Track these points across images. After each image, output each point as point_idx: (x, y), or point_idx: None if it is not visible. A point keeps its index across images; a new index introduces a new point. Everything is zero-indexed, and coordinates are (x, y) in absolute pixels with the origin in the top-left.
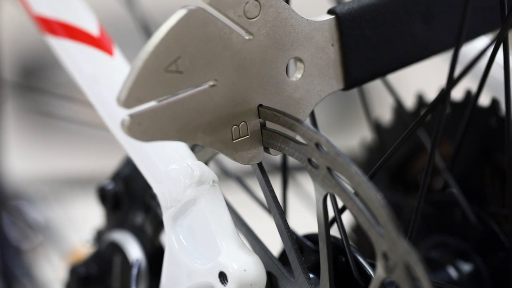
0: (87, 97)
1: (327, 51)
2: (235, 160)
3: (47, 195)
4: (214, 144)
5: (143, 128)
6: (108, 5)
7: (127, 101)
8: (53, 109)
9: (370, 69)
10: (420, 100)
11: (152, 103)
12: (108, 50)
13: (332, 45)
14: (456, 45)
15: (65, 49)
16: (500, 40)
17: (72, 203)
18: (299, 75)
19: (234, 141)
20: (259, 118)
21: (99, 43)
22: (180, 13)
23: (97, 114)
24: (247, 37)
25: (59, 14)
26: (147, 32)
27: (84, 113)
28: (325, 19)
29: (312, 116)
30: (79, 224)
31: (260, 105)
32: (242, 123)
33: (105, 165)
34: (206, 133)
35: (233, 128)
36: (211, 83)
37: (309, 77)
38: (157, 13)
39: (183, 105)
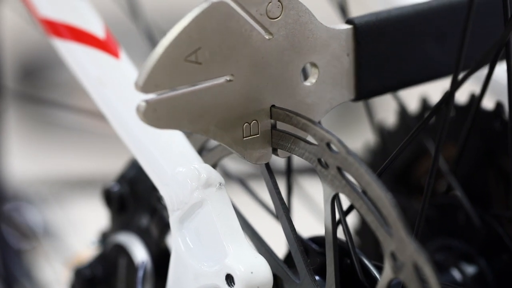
0: (93, 99)
1: (342, 60)
2: (244, 157)
3: (47, 197)
4: (224, 139)
5: (158, 115)
6: (114, 7)
7: (145, 86)
8: (54, 111)
9: (381, 83)
10: (424, 103)
11: (169, 92)
12: (114, 53)
13: (348, 55)
14: (459, 48)
15: (71, 52)
16: (503, 43)
17: (73, 204)
18: (313, 80)
19: (244, 139)
20: (271, 119)
21: (105, 45)
22: (204, 5)
23: (98, 116)
24: (266, 37)
25: (65, 16)
26: (151, 35)
27: (85, 115)
28: (344, 28)
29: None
30: (79, 225)
31: (273, 106)
32: (254, 121)
33: (106, 167)
34: (218, 127)
35: (244, 126)
36: (227, 78)
37: (322, 84)
38: (160, 16)
39: (198, 97)
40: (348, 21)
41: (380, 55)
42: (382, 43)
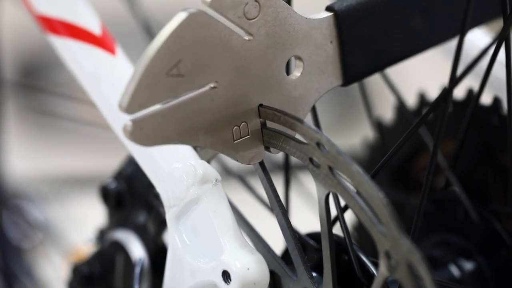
0: (89, 96)
1: (326, 49)
2: (236, 160)
3: (47, 195)
4: (215, 145)
5: (146, 133)
6: (110, 4)
7: (130, 107)
8: (54, 109)
9: (368, 65)
10: (422, 99)
11: (154, 108)
12: (110, 49)
13: (331, 42)
14: (458, 44)
15: (67, 49)
16: (502, 39)
17: (73, 202)
18: (298, 74)
19: (235, 142)
20: (260, 118)
21: (102, 42)
22: (181, 17)
23: (98, 113)
24: (246, 38)
25: (61, 13)
26: (149, 31)
27: (85, 112)
28: (323, 16)
29: (314, 115)
30: (80, 223)
31: (261, 105)
32: (243, 123)
33: (106, 165)
34: (207, 135)
35: (234, 129)
36: (212, 85)
37: (308, 75)
38: (158, 12)
39: (184, 108)
40: (328, 8)
41: (364, 37)
42: (364, 25)
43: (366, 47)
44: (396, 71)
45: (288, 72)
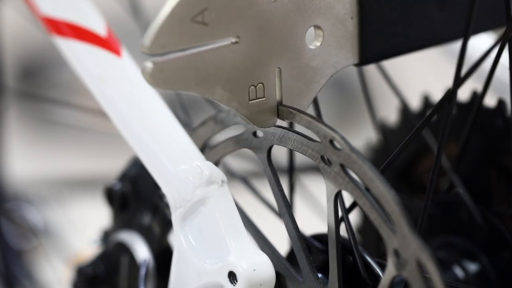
0: (95, 97)
1: (346, 24)
2: (249, 120)
3: (47, 197)
4: (230, 102)
5: (165, 76)
6: (115, 5)
7: (152, 47)
8: (54, 111)
9: (385, 47)
10: (426, 101)
11: (175, 52)
12: (115, 51)
13: (352, 18)
14: (462, 45)
15: (72, 50)
16: (505, 41)
17: (73, 204)
18: (318, 43)
19: (250, 102)
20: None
21: (107, 43)
22: None
23: (99, 116)
24: None
25: (66, 14)
26: None
27: (86, 115)
28: None
29: (318, 113)
30: (80, 225)
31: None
32: (259, 84)
33: (107, 167)
34: (224, 89)
35: (250, 89)
36: (233, 39)
37: (327, 47)
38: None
39: (205, 58)
40: None
41: (383, 18)
42: (385, 6)
43: (385, 29)
44: (398, 74)
45: (308, 41)
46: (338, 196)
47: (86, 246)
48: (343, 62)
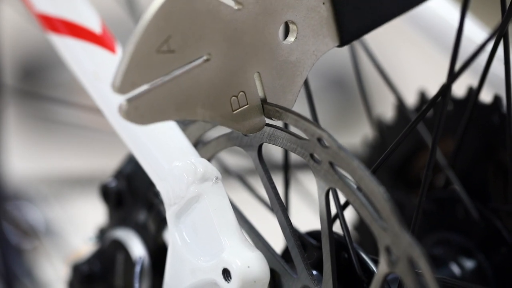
0: (89, 94)
1: (319, 10)
2: (237, 130)
3: (47, 195)
4: (214, 118)
5: (141, 112)
6: (110, 2)
7: (122, 87)
8: (54, 110)
9: (363, 23)
10: (422, 97)
11: (147, 86)
12: (110, 48)
13: (323, 3)
14: (456, 38)
15: (67, 47)
16: (500, 35)
17: (73, 203)
18: (292, 38)
19: (234, 112)
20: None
21: (102, 40)
22: None
23: (98, 114)
24: (236, 7)
25: (62, 11)
26: None
27: (85, 113)
28: None
29: (314, 111)
30: (80, 224)
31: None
32: (241, 93)
33: (105, 165)
34: (205, 108)
35: (232, 100)
36: (204, 57)
37: (303, 39)
38: None
39: (179, 83)
40: None
41: None
42: None
43: (358, 5)
44: (395, 71)
45: (282, 38)
46: (329, 193)
47: (84, 243)
48: (322, 49)
